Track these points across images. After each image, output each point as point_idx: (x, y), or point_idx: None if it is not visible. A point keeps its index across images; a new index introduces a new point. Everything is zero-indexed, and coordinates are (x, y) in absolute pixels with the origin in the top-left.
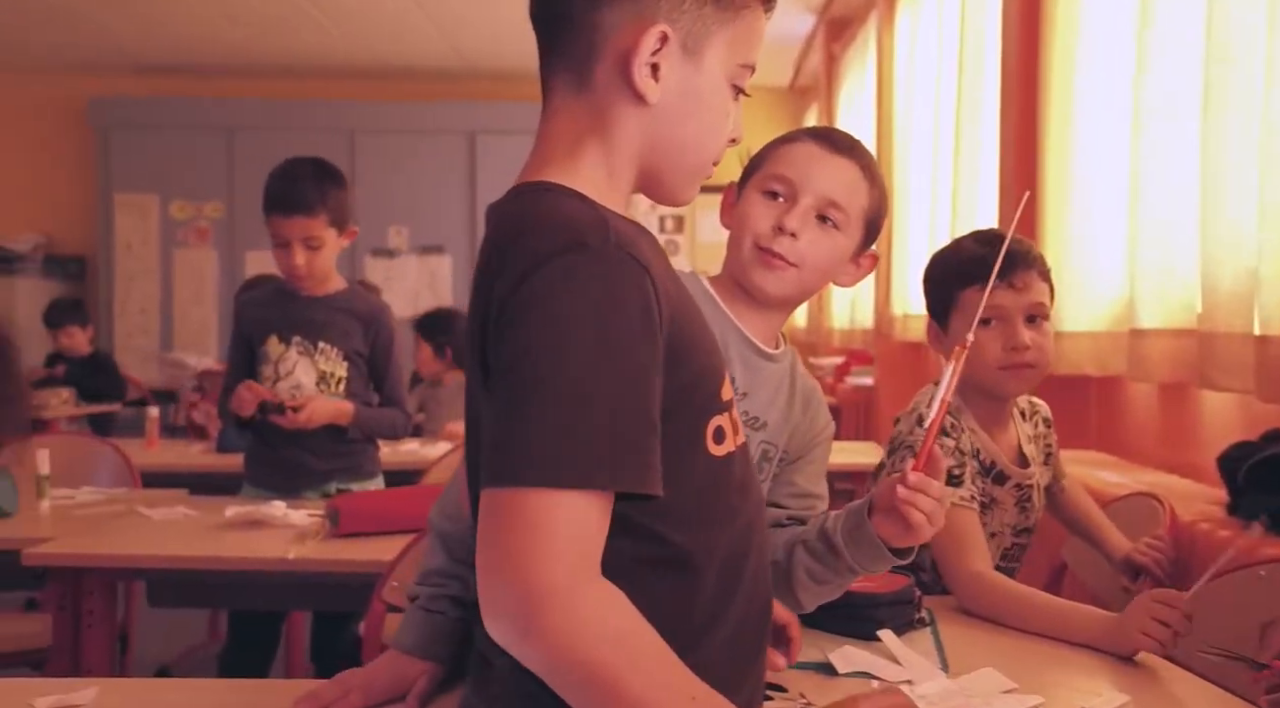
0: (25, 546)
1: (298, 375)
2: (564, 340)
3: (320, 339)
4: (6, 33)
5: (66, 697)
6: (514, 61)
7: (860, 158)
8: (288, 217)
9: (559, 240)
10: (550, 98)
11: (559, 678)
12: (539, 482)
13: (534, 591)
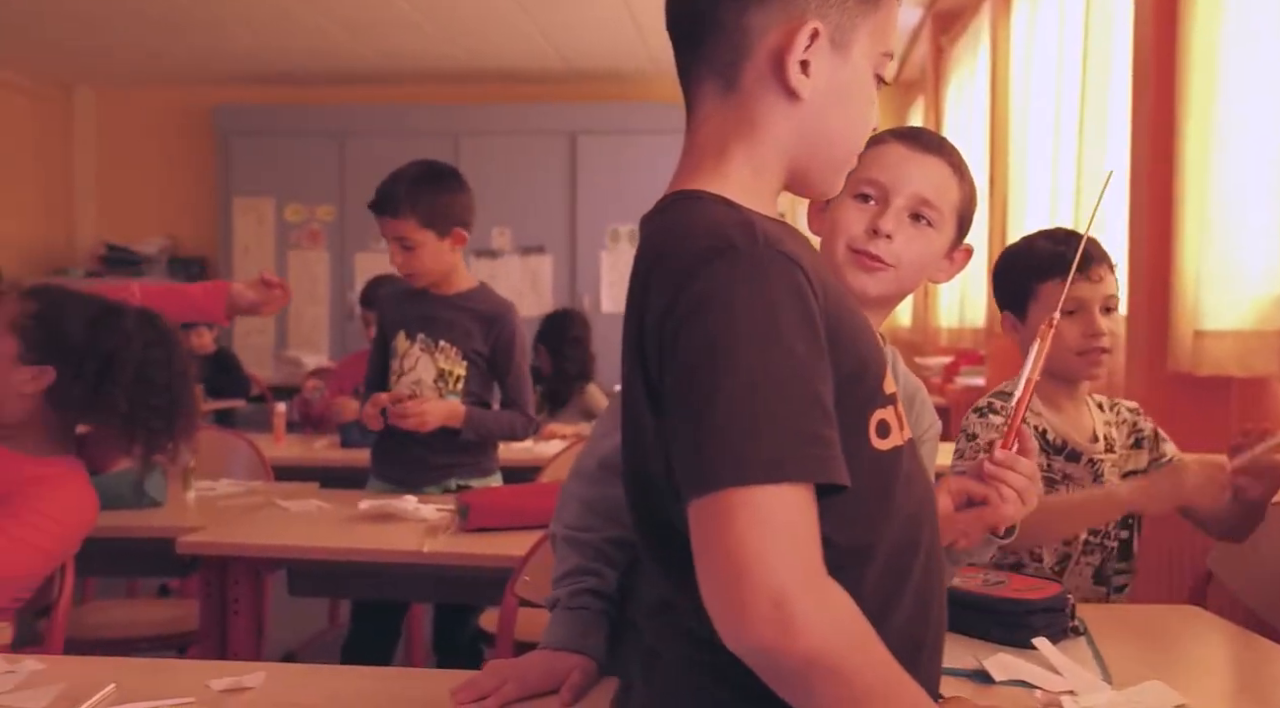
0: (178, 535)
1: (418, 372)
2: (731, 342)
3: (441, 338)
4: (137, 48)
5: (239, 679)
6: (614, 62)
7: (949, 155)
8: (379, 217)
9: (709, 246)
10: (697, 106)
11: (812, 678)
12: (738, 481)
13: (780, 591)
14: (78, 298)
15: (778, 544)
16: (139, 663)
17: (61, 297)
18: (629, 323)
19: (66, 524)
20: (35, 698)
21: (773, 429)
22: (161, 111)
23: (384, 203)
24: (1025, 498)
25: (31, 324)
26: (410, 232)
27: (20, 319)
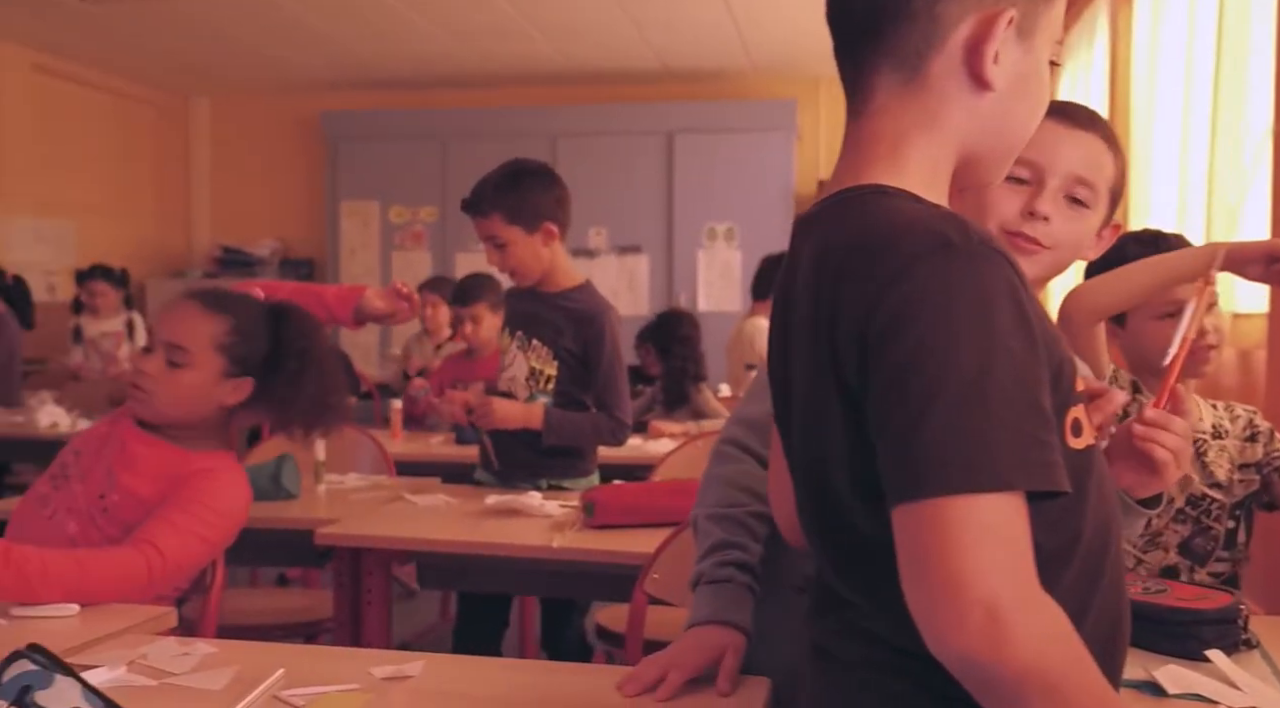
0: (313, 526)
1: (514, 369)
2: (951, 341)
3: (535, 336)
4: (251, 59)
5: (401, 668)
6: (711, 61)
7: (1102, 129)
8: (472, 218)
9: (923, 242)
10: (870, 97)
11: (1026, 691)
12: (958, 488)
13: (995, 603)
14: (254, 305)
15: (995, 555)
16: (304, 649)
17: (244, 306)
18: (807, 324)
19: (227, 516)
20: (213, 680)
21: (994, 434)
22: (273, 119)
23: (472, 203)
24: (1180, 460)
25: (232, 341)
26: (498, 229)
27: (222, 338)
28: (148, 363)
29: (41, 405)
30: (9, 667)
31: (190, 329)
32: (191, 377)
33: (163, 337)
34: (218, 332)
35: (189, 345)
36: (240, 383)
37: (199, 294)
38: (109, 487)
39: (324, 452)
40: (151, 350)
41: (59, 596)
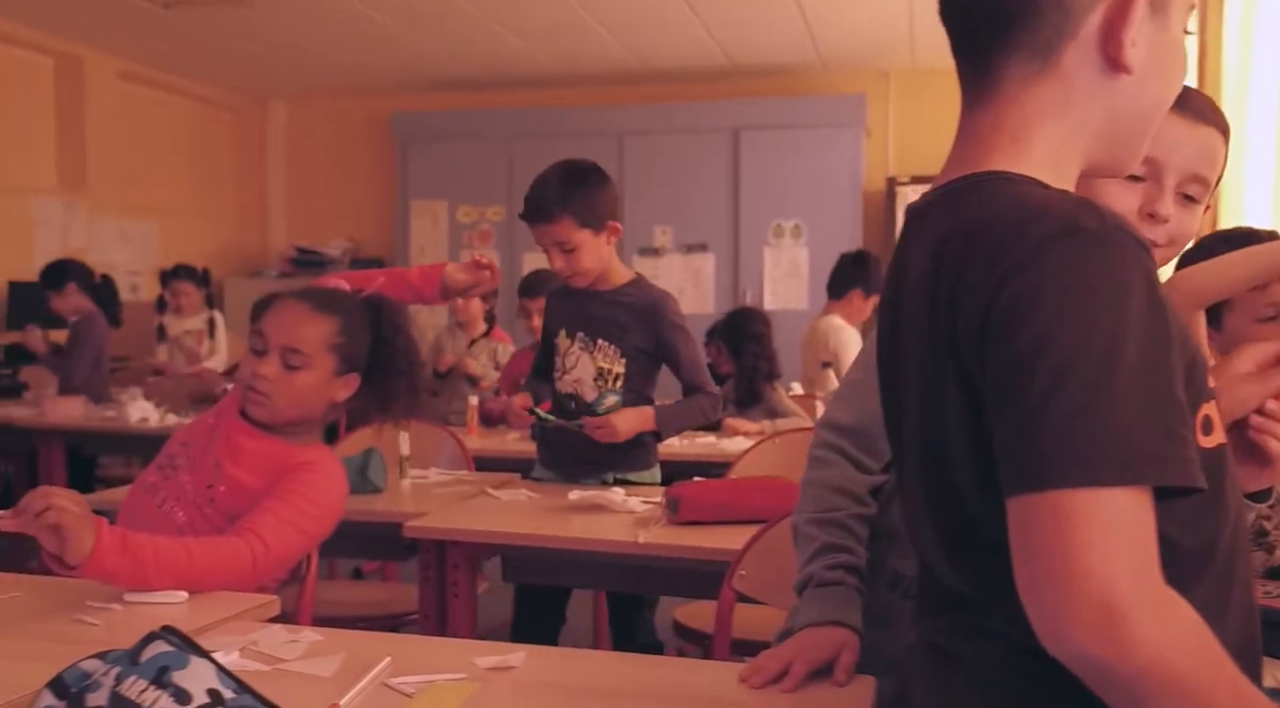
0: (400, 520)
1: (578, 371)
2: (1083, 328)
3: (599, 336)
4: (323, 61)
5: (504, 658)
6: (779, 57)
7: (1219, 121)
8: (535, 225)
9: (1054, 225)
10: (995, 87)
11: (1145, 691)
12: (1083, 481)
13: (1114, 601)
14: (355, 302)
15: (1117, 552)
16: (406, 638)
17: (348, 305)
18: (923, 313)
19: (327, 509)
20: (323, 666)
21: (1123, 425)
22: (345, 121)
23: (538, 210)
24: None
25: (342, 340)
26: (569, 234)
27: (333, 338)
28: (265, 367)
29: (132, 401)
30: (146, 647)
31: (305, 332)
32: (308, 378)
33: (278, 341)
34: (329, 332)
35: (305, 348)
36: (349, 379)
37: (305, 296)
38: (216, 478)
39: (408, 446)
40: (264, 354)
41: (170, 583)
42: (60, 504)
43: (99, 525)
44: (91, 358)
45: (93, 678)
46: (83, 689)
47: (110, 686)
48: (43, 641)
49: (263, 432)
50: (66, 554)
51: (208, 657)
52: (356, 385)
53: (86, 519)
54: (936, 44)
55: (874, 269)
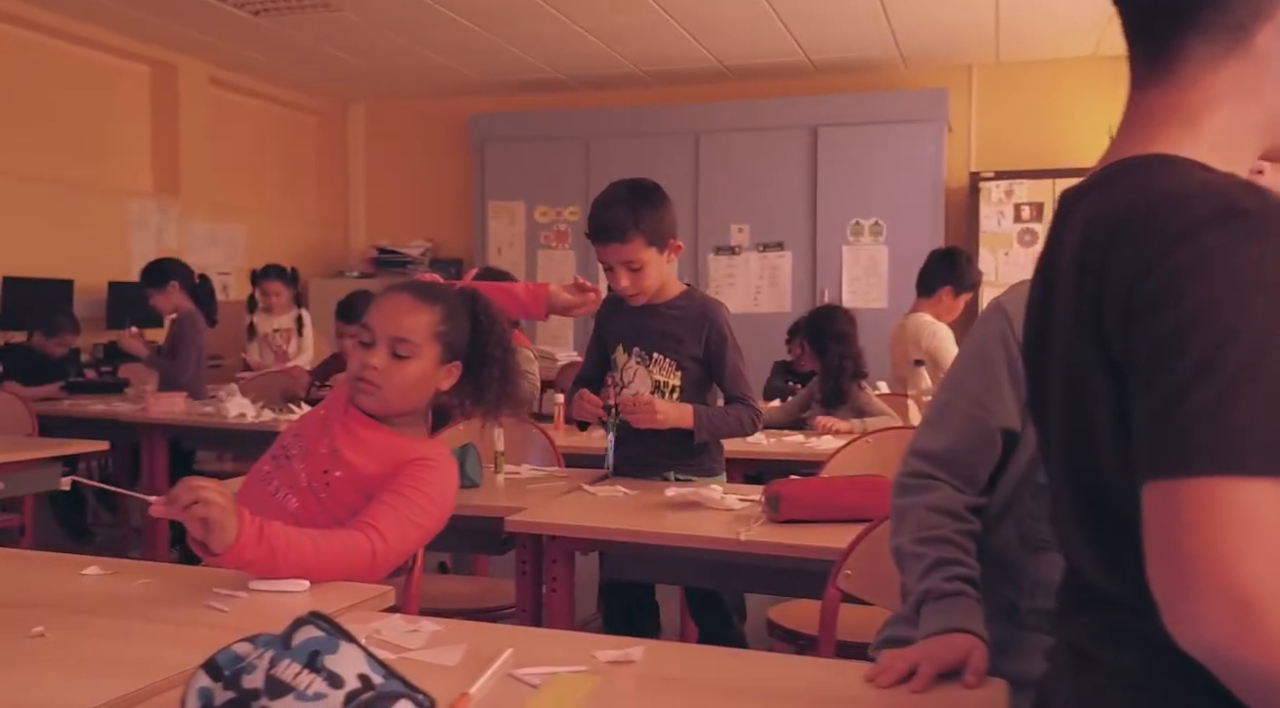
0: (499, 514)
1: (636, 385)
2: (1236, 309)
3: (655, 350)
4: (404, 64)
5: (624, 652)
6: (859, 52)
7: None
8: (605, 245)
9: (1211, 207)
10: (1174, 69)
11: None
12: (1229, 469)
13: (1252, 595)
14: (454, 292)
15: (1256, 545)
16: (524, 630)
17: (449, 295)
18: (1071, 298)
19: (442, 505)
20: (446, 656)
21: (1274, 413)
22: (424, 123)
23: (611, 230)
24: None
25: (445, 329)
26: (639, 253)
27: (437, 326)
28: (373, 358)
29: (230, 397)
30: (296, 631)
31: (411, 321)
32: (416, 367)
33: (386, 331)
34: (433, 320)
35: (413, 337)
36: (451, 368)
37: (408, 288)
38: (332, 464)
39: (503, 442)
40: (372, 346)
41: (295, 572)
42: (208, 497)
43: (241, 516)
44: (194, 357)
45: (246, 661)
46: (237, 672)
47: (264, 668)
48: (178, 625)
49: (375, 423)
50: (211, 543)
51: (356, 642)
52: (459, 374)
53: (230, 512)
54: (1023, 36)
55: (964, 266)
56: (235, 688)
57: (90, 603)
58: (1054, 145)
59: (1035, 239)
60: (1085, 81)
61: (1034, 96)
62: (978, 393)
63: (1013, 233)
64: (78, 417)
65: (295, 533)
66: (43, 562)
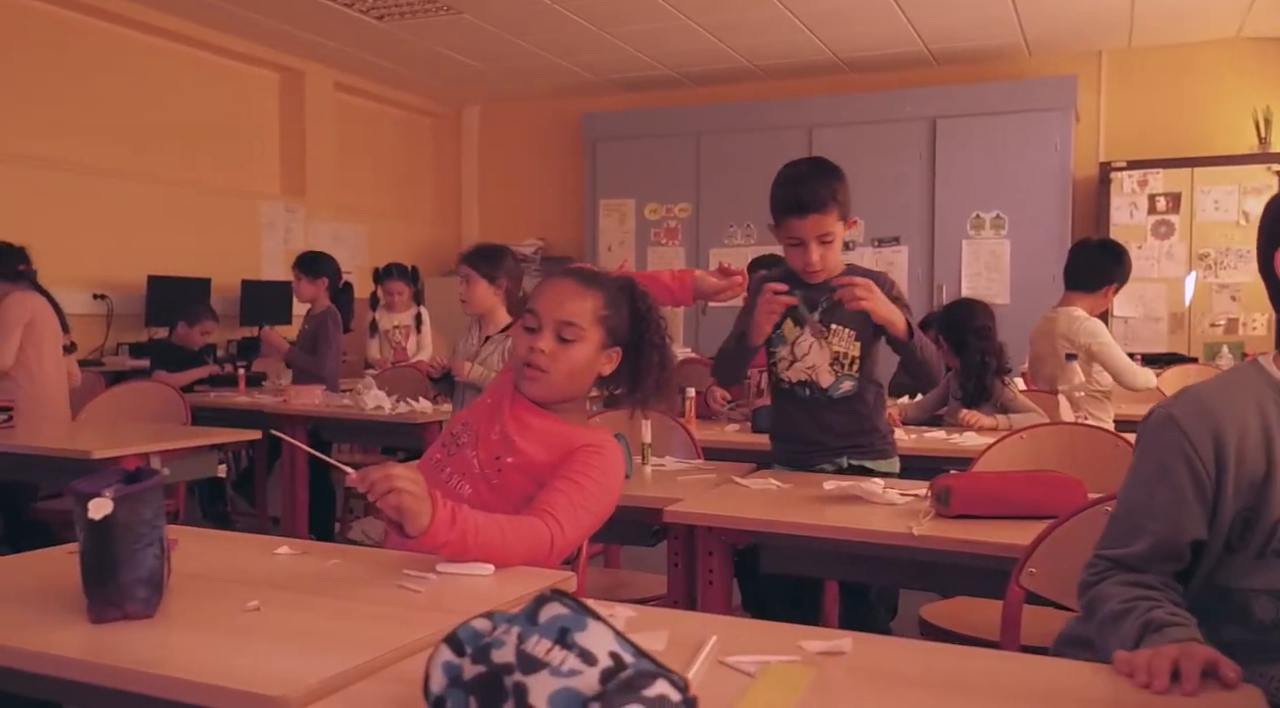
0: (657, 505)
1: (812, 358)
2: None
3: (832, 321)
4: (517, 65)
5: (833, 643)
6: (981, 41)
7: None
8: (803, 217)
9: None
10: None
11: None
12: None
13: None
14: (612, 278)
15: None
16: (722, 619)
17: (607, 280)
18: None
19: (611, 492)
20: (653, 642)
21: None
22: (536, 123)
23: (811, 202)
24: None
25: (606, 314)
26: (834, 225)
27: (600, 310)
28: (540, 342)
29: (367, 390)
30: (541, 608)
31: (575, 305)
32: (581, 350)
33: (552, 316)
34: (596, 305)
35: (578, 321)
36: (612, 353)
37: (569, 272)
38: (504, 450)
39: (650, 433)
40: (538, 331)
41: (482, 557)
42: (401, 486)
43: (434, 502)
44: (333, 352)
45: (492, 636)
46: (484, 647)
47: (514, 644)
48: (378, 604)
49: (542, 410)
50: (406, 527)
51: (604, 620)
52: (619, 359)
53: (423, 499)
54: (1158, 19)
55: (1126, 261)
56: (485, 662)
57: (292, 580)
58: (1191, 132)
59: (1171, 231)
60: (1227, 65)
61: (1170, 82)
62: (1166, 510)
63: (1146, 225)
64: (223, 407)
65: (484, 519)
66: (239, 542)
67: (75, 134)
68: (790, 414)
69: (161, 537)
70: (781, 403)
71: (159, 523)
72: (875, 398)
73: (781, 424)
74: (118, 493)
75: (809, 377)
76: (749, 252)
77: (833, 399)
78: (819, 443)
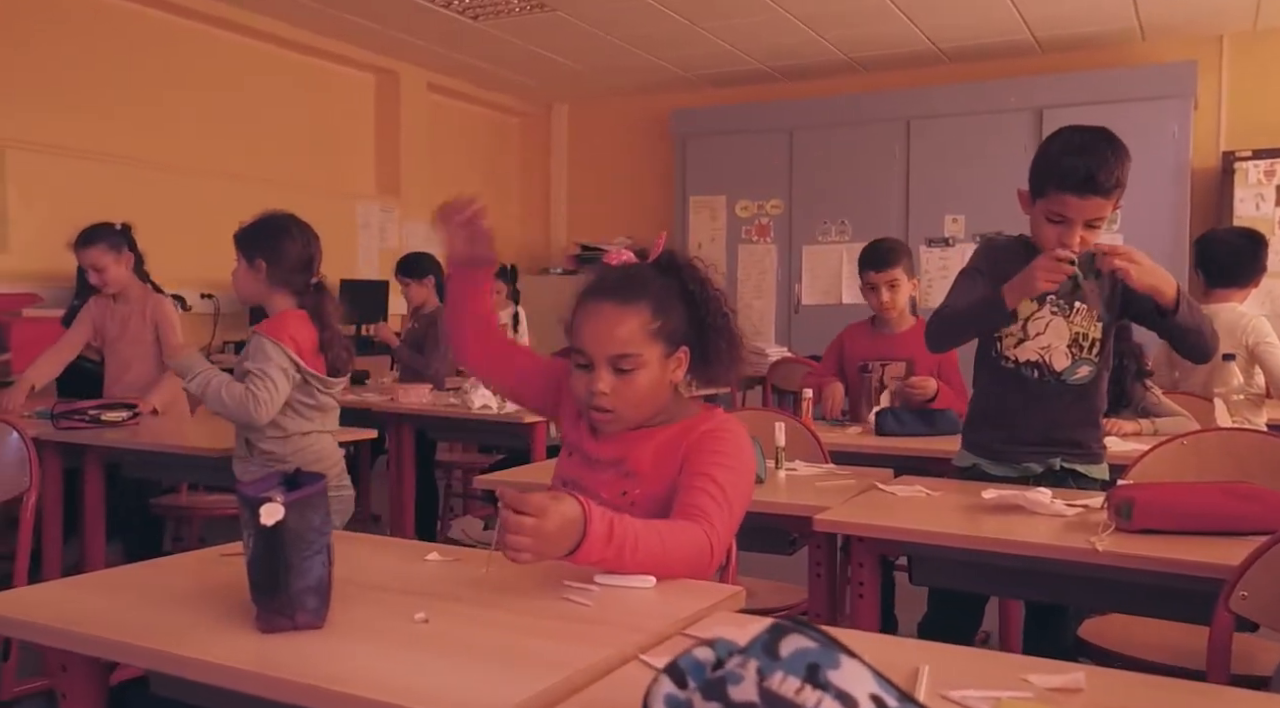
0: (805, 512)
1: (1049, 337)
2: None
3: (1075, 299)
4: (607, 62)
5: (1067, 678)
6: (1092, 27)
7: None
8: (1085, 198)
9: None
10: None
11: None
12: None
13: None
14: (652, 273)
15: None
16: (917, 644)
17: (649, 280)
18: None
19: (748, 472)
20: None
21: None
22: (625, 120)
23: (1106, 183)
24: None
25: (660, 323)
26: (1109, 211)
27: (651, 324)
28: (600, 382)
29: (474, 389)
30: (781, 640)
31: (625, 331)
32: (644, 375)
33: (603, 352)
34: (645, 320)
35: (631, 349)
36: (679, 356)
37: (606, 291)
38: (627, 483)
39: (784, 436)
40: (591, 368)
41: (643, 568)
42: (518, 546)
43: (589, 517)
44: (441, 351)
45: (726, 668)
46: (717, 681)
47: (754, 679)
48: (545, 618)
49: (634, 431)
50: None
51: (856, 656)
52: (687, 358)
53: (548, 538)
54: None
55: (1266, 250)
56: (720, 699)
57: (452, 590)
58: None
59: None
60: None
61: None
62: None
63: (1274, 217)
64: None
65: (643, 528)
66: (383, 546)
67: (180, 136)
68: (1006, 399)
69: (329, 544)
70: (997, 385)
71: (326, 529)
72: (1103, 390)
73: (992, 409)
74: (286, 499)
75: (1042, 357)
76: (843, 249)
77: (1066, 385)
78: (1035, 436)
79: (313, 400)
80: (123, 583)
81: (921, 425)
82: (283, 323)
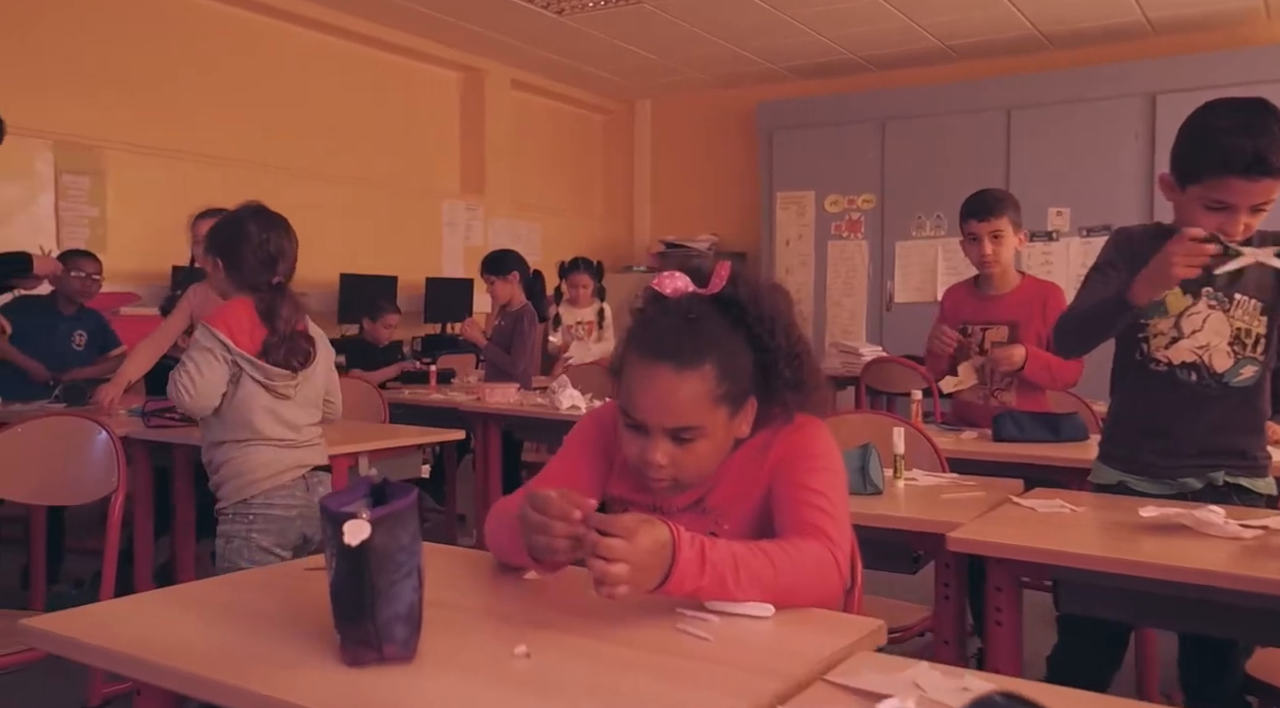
0: (938, 529)
1: (1207, 334)
2: None
3: (1236, 289)
4: (692, 56)
5: None
6: (1209, 7)
7: None
8: (1256, 181)
9: None
10: None
11: None
12: None
13: None
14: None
15: None
16: (1091, 697)
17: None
18: None
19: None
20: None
21: None
22: (708, 114)
23: (1279, 162)
24: None
25: (725, 386)
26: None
27: (716, 389)
28: (655, 454)
29: (562, 389)
30: None
31: (685, 402)
32: (706, 444)
33: (661, 423)
34: (709, 386)
35: (693, 420)
36: (745, 410)
37: (663, 353)
38: (712, 523)
39: (903, 443)
40: (647, 434)
41: (754, 595)
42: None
43: (678, 545)
44: (528, 350)
45: None
46: None
47: None
48: (661, 653)
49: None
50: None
51: None
52: (755, 408)
53: (637, 569)
54: None
55: None
56: None
57: (552, 617)
58: None
59: None
60: None
61: None
62: None
63: None
64: (417, 405)
65: (744, 551)
66: (472, 561)
67: (270, 136)
68: (1159, 406)
69: (419, 565)
70: (1146, 392)
71: (416, 548)
72: (1268, 393)
73: (1141, 419)
74: (373, 515)
75: (1200, 357)
76: (939, 244)
77: (1228, 388)
78: (1194, 447)
79: (264, 403)
80: (204, 600)
81: (1045, 431)
82: (221, 310)
